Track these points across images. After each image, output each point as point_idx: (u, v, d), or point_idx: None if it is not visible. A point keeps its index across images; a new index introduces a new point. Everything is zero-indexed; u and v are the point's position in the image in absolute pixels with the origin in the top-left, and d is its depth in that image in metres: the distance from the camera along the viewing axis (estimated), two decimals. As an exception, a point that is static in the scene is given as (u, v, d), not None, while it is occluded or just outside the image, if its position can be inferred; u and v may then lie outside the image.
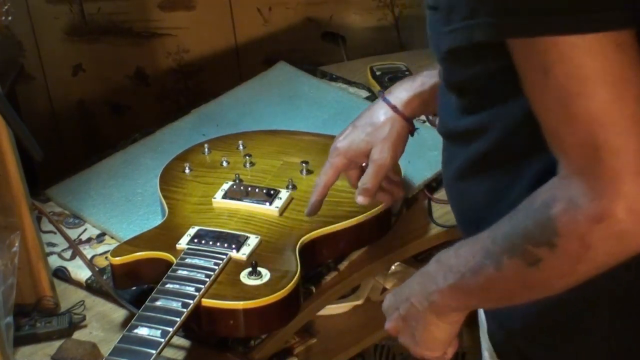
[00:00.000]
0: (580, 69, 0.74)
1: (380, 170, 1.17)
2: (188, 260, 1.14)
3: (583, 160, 0.76)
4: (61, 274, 1.28)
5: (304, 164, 1.34)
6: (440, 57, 0.88)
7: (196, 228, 1.21)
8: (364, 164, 1.20)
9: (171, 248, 1.18)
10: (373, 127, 1.18)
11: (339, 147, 1.20)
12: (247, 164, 1.36)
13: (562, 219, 0.77)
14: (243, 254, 1.16)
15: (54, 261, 1.30)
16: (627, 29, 0.74)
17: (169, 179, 1.34)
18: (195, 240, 1.18)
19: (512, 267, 0.82)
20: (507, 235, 0.83)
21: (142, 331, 1.03)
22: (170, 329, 1.03)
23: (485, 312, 1.03)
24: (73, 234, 1.34)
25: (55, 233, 1.31)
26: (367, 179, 1.18)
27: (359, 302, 1.42)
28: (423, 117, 1.58)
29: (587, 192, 0.76)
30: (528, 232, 0.80)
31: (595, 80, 0.74)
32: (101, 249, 1.32)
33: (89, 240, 1.34)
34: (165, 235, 1.21)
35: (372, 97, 1.65)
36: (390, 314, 1.03)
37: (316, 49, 1.94)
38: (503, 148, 0.87)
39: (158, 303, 1.07)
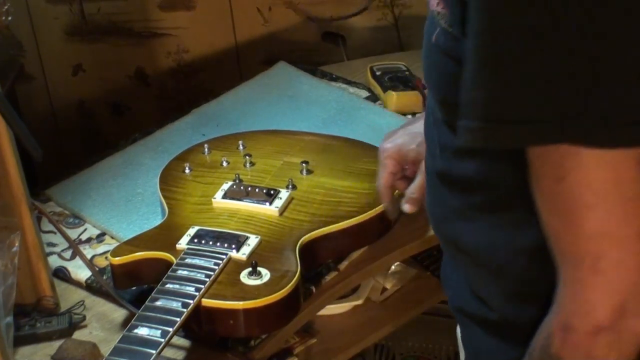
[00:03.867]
0: (596, 182, 0.72)
1: None
2: (188, 260, 1.14)
3: (580, 271, 0.75)
4: (61, 274, 1.28)
5: (304, 164, 1.34)
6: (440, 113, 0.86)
7: (196, 228, 1.21)
8: (406, 172, 1.21)
9: (171, 248, 1.18)
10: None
11: (387, 149, 1.21)
12: (247, 164, 1.36)
13: (564, 351, 0.78)
14: (243, 254, 1.16)
15: (54, 261, 1.30)
16: None
17: (169, 179, 1.34)
18: (195, 240, 1.18)
19: None
20: None
21: (142, 331, 1.03)
22: (170, 329, 1.03)
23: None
24: (73, 234, 1.34)
25: (55, 233, 1.31)
26: (415, 189, 1.19)
27: (359, 302, 1.42)
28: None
29: (579, 308, 0.76)
30: None
31: (610, 195, 0.72)
32: (101, 249, 1.32)
33: (89, 240, 1.34)
34: (165, 235, 1.21)
35: (372, 97, 1.65)
36: None
37: (316, 49, 1.94)
38: (515, 199, 0.83)
39: (158, 303, 1.07)
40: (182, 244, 1.18)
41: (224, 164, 1.37)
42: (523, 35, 0.71)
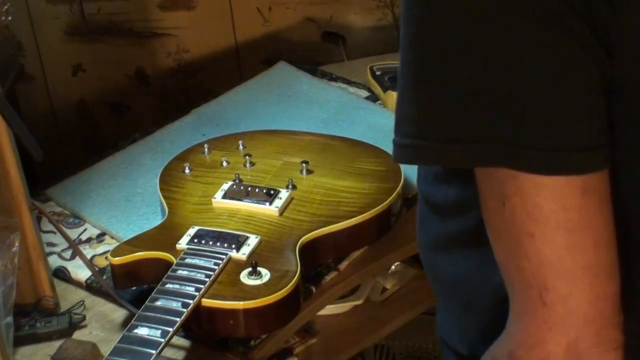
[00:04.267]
0: (538, 208, 0.68)
1: None
2: (188, 260, 1.14)
3: (527, 302, 0.72)
4: (61, 274, 1.28)
5: (304, 164, 1.34)
6: None
7: (196, 228, 1.21)
8: None
9: (171, 248, 1.18)
10: None
11: None
12: (247, 164, 1.36)
13: None
14: (243, 254, 1.16)
15: (54, 261, 1.30)
16: (598, 171, 0.69)
17: (169, 179, 1.34)
18: (195, 240, 1.18)
19: None
20: None
21: (142, 331, 1.03)
22: (170, 329, 1.03)
23: None
24: (73, 234, 1.34)
25: (55, 233, 1.31)
26: None
27: (359, 302, 1.42)
28: (423, 117, 1.58)
29: (526, 339, 0.72)
30: None
31: (552, 224, 0.68)
32: (101, 249, 1.32)
33: (89, 240, 1.34)
34: (165, 235, 1.21)
35: (372, 97, 1.65)
36: None
37: (316, 49, 1.94)
38: (483, 234, 0.79)
39: (158, 303, 1.07)
40: (182, 244, 1.18)
41: (224, 164, 1.37)
42: (442, 55, 0.68)
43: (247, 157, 1.37)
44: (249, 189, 1.28)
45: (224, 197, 1.28)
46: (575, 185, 0.68)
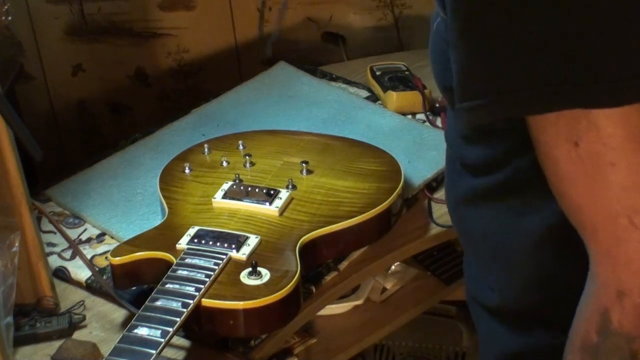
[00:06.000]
0: (613, 137, 0.72)
1: None
2: (188, 260, 1.14)
3: (617, 231, 0.74)
4: (61, 274, 1.28)
5: (304, 164, 1.34)
6: (445, 96, 0.87)
7: (196, 228, 1.21)
8: None
9: (171, 248, 1.18)
10: None
11: None
12: (247, 164, 1.36)
13: (627, 319, 0.75)
14: (243, 254, 1.16)
15: (54, 261, 1.30)
16: None
17: (169, 179, 1.34)
18: (195, 240, 1.18)
19: None
20: None
21: (142, 331, 1.03)
22: (170, 329, 1.03)
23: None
24: (73, 234, 1.34)
25: (55, 233, 1.31)
26: None
27: (359, 302, 1.42)
28: (423, 117, 1.58)
29: (629, 267, 0.74)
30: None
31: (628, 149, 0.72)
32: (101, 249, 1.32)
33: (89, 240, 1.34)
34: (165, 235, 1.21)
35: (372, 97, 1.66)
36: None
37: (316, 49, 1.94)
38: (519, 184, 0.84)
39: (158, 303, 1.07)
40: (182, 244, 1.18)
41: (224, 164, 1.37)
42: (504, 6, 0.71)
43: (247, 157, 1.37)
44: (249, 189, 1.28)
45: (224, 197, 1.28)
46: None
